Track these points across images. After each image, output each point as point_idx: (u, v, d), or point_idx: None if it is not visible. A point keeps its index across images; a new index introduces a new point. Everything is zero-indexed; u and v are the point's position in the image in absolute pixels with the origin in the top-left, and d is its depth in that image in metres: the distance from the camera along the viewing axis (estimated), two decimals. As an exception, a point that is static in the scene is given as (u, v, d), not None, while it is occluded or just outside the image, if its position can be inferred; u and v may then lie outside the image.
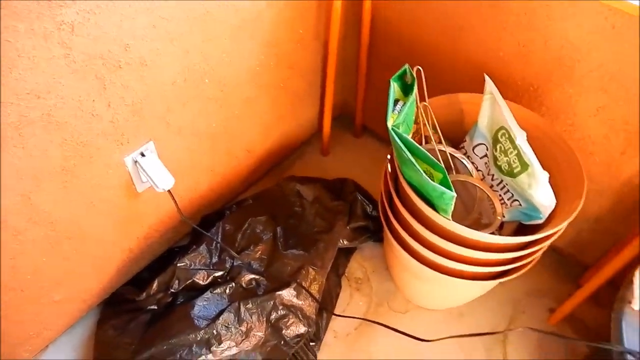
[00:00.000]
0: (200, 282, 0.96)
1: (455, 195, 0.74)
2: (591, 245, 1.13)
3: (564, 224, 0.80)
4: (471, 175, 0.94)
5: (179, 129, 0.92)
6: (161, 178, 0.86)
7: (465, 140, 1.00)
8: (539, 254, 0.89)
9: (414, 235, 0.87)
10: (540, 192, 0.84)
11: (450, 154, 0.95)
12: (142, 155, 0.86)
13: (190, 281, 0.96)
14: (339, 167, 1.35)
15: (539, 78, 0.99)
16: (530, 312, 1.12)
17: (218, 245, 1.00)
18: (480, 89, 0.92)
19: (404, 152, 0.77)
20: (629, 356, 0.74)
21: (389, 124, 0.80)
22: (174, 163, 0.95)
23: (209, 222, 1.08)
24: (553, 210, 0.86)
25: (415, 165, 0.76)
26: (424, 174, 0.75)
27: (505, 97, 0.90)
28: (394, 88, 0.86)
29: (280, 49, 1.06)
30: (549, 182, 0.85)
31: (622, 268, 0.92)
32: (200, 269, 0.97)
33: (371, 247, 1.20)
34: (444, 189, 0.74)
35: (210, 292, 0.94)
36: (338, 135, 1.43)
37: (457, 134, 1.02)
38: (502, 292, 1.13)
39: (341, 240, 1.09)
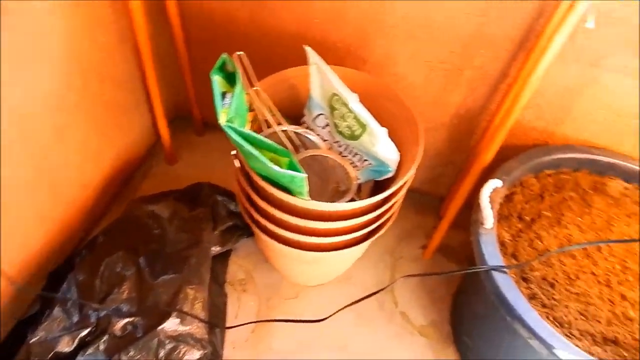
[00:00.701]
0: (66, 350, 0.83)
1: (305, 176, 0.73)
2: (441, 178, 1.22)
3: (412, 171, 0.84)
4: (319, 148, 0.94)
5: (-20, 187, 0.77)
6: (-26, 252, 0.72)
7: (305, 114, 0.99)
8: (399, 203, 0.93)
9: (280, 223, 0.85)
10: (383, 148, 0.87)
11: (293, 132, 0.94)
12: (-62, 232, 0.71)
13: (52, 354, 0.82)
14: (190, 173, 1.27)
15: (355, 37, 1.01)
16: (407, 255, 1.20)
17: (75, 301, 0.88)
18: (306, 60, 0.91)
19: (245, 147, 0.73)
20: (494, 272, 0.82)
21: (222, 121, 0.75)
22: (-12, 227, 0.80)
23: (59, 276, 0.93)
24: (400, 160, 0.90)
25: (259, 157, 0.72)
26: (270, 163, 0.72)
27: (329, 62, 0.89)
28: (217, 82, 0.81)
29: (84, 64, 0.94)
30: (390, 135, 0.88)
31: (470, 192, 1.01)
32: (61, 335, 0.83)
33: (246, 244, 1.16)
34: (292, 172, 0.72)
35: (82, 355, 0.82)
36: (180, 139, 1.34)
37: (296, 110, 1.00)
38: (378, 246, 1.18)
39: (212, 248, 1.03)
